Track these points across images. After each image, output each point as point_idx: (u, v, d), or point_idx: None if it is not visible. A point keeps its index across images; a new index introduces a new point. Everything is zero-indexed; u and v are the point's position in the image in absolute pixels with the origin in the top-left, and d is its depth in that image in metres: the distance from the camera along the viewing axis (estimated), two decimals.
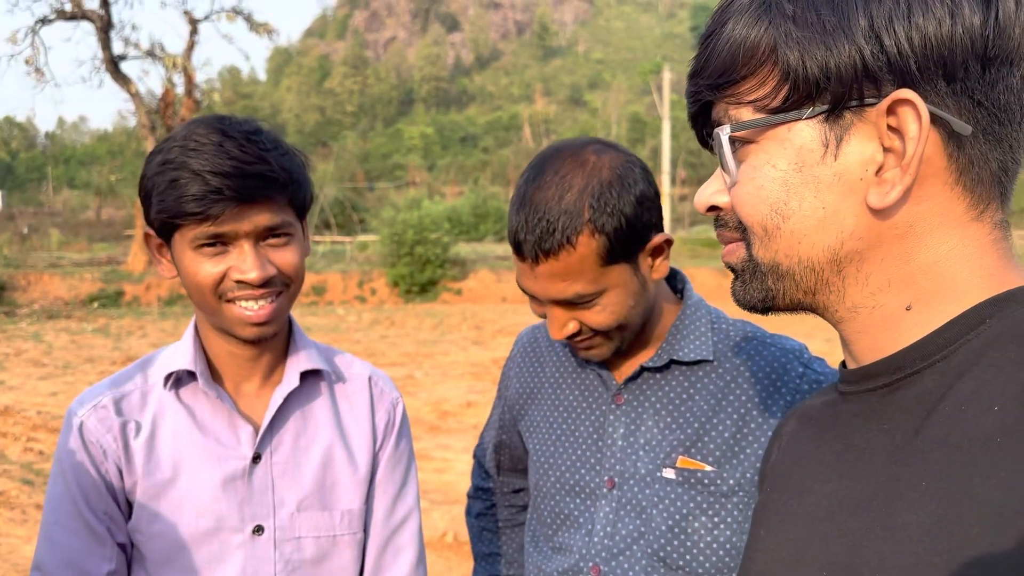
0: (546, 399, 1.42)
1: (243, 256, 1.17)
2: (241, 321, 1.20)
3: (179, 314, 17.41)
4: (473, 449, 1.70)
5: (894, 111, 0.63)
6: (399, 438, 1.40)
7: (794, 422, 0.86)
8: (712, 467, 1.23)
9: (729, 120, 0.71)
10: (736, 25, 0.69)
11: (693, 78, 0.75)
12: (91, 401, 1.26)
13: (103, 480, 1.22)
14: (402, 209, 23.12)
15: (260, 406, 1.30)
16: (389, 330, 15.02)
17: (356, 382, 1.39)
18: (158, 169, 1.16)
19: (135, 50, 21.04)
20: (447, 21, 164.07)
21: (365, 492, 1.34)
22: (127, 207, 33.92)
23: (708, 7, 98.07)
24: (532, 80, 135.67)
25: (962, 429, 0.59)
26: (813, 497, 0.73)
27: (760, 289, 0.74)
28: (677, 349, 1.28)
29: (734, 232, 0.75)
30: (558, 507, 1.34)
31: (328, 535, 1.29)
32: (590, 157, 1.18)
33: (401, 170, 64.79)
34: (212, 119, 1.20)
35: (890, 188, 0.64)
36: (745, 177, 0.71)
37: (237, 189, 1.12)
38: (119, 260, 22.69)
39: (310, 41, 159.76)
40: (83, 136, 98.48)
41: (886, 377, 0.69)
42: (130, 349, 12.33)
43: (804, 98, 0.66)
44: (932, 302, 0.66)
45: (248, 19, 22.11)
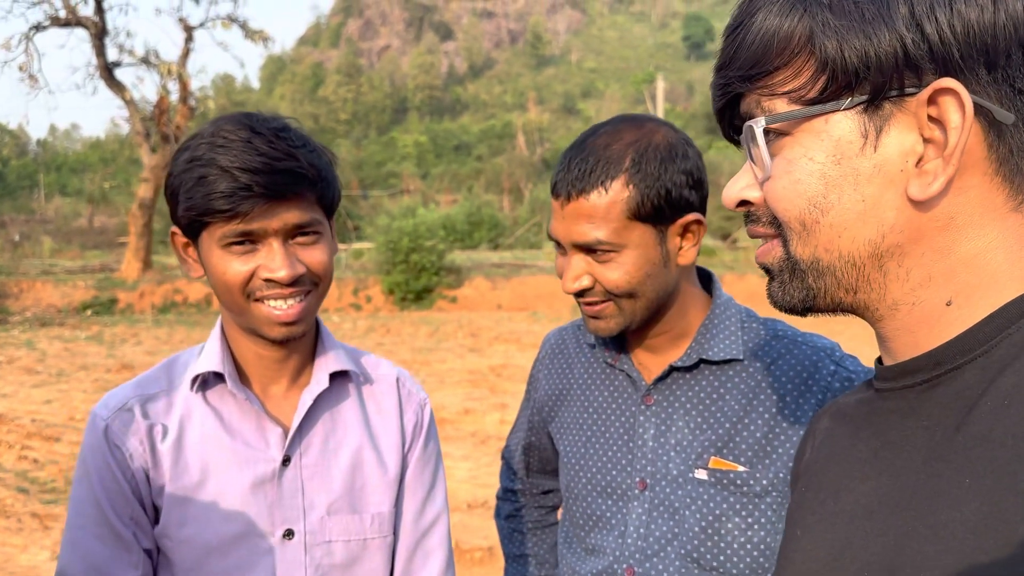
0: (576, 400, 1.41)
1: (272, 254, 1.15)
2: (269, 320, 1.17)
3: (173, 322, 17.34)
4: (500, 451, 1.70)
5: (935, 101, 0.61)
6: (427, 439, 1.38)
7: (828, 420, 0.84)
8: (745, 467, 1.21)
9: (762, 112, 0.69)
10: (768, 15, 0.67)
11: (721, 70, 0.73)
12: (116, 404, 1.24)
13: (129, 484, 1.20)
14: (397, 217, 23.05)
15: (288, 408, 1.27)
16: (385, 338, 14.98)
17: (384, 383, 1.37)
18: (185, 166, 1.14)
19: (130, 57, 20.99)
20: (441, 30, 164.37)
21: (395, 494, 1.32)
22: (120, 215, 33.80)
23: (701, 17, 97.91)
24: (525, 89, 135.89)
25: (1005, 424, 0.58)
26: (851, 495, 0.71)
27: (800, 288, 0.72)
28: (707, 348, 1.27)
29: (767, 227, 0.73)
30: (590, 508, 1.34)
31: (358, 539, 1.27)
32: (648, 123, 1.22)
33: (395, 178, 64.75)
34: (240, 116, 1.18)
35: (932, 179, 0.62)
36: (780, 171, 0.69)
37: (266, 186, 1.11)
38: (112, 267, 22.57)
39: (304, 49, 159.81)
40: (75, 143, 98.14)
41: (925, 373, 0.67)
42: (124, 357, 12.26)
43: (842, 88, 0.64)
44: (973, 296, 0.65)
45: (243, 26, 22.08)
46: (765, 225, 0.73)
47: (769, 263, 0.75)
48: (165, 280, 19.85)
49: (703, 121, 67.93)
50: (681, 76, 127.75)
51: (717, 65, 0.74)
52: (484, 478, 6.31)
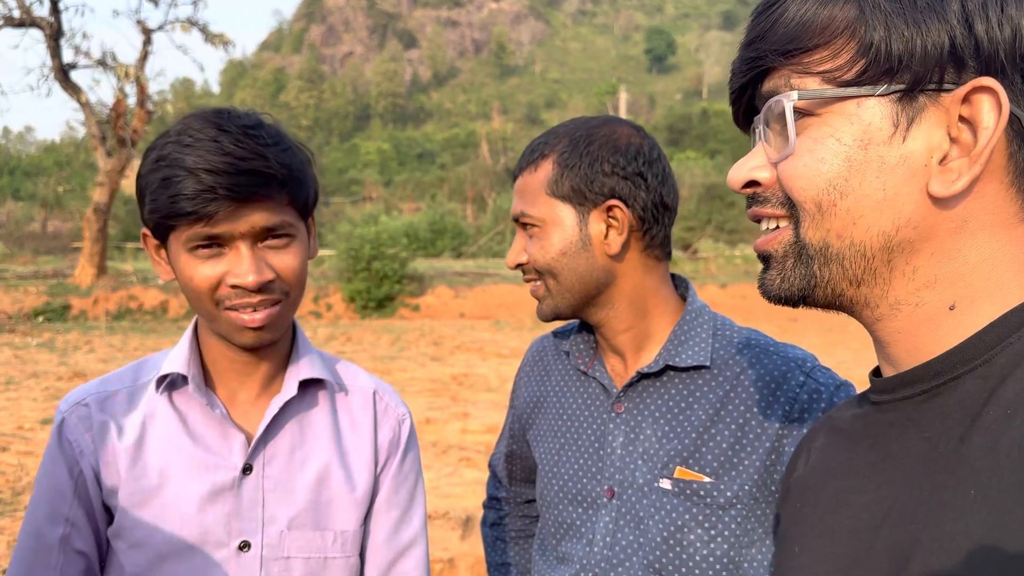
0: (551, 408, 1.40)
1: (239, 259, 1.10)
2: (238, 327, 1.13)
3: (127, 329, 16.99)
4: (488, 459, 1.69)
5: (969, 99, 0.61)
6: (404, 457, 1.31)
7: (823, 435, 0.82)
8: (710, 478, 1.20)
9: (790, 89, 0.68)
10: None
11: (753, 44, 0.71)
12: (75, 399, 1.21)
13: (75, 481, 1.16)
14: (359, 224, 22.97)
15: (256, 416, 1.23)
16: (345, 346, 14.84)
17: (359, 396, 1.32)
18: (152, 166, 1.10)
19: (86, 59, 20.59)
20: (405, 38, 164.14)
21: (363, 514, 1.26)
22: (74, 219, 33.17)
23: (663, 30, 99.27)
24: (489, 98, 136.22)
25: (1010, 435, 0.58)
26: (851, 510, 0.69)
27: (804, 275, 0.70)
28: (674, 355, 1.25)
29: (777, 208, 0.71)
30: (561, 516, 1.32)
31: (319, 556, 1.21)
32: (612, 120, 1.29)
33: (358, 185, 64.41)
34: (210, 112, 1.13)
35: (956, 177, 0.61)
36: (804, 149, 0.67)
37: (231, 187, 1.06)
38: (66, 273, 22.09)
39: (265, 54, 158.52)
40: (29, 146, 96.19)
41: (925, 383, 0.66)
42: (76, 364, 11.97)
43: (882, 74, 0.63)
44: (976, 302, 0.64)
45: (203, 30, 21.80)
46: (775, 206, 0.72)
47: (772, 249, 0.73)
48: (120, 286, 19.47)
49: (665, 133, 68.66)
50: (643, 88, 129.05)
51: (748, 39, 0.73)
52: (445, 489, 6.25)
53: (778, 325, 14.85)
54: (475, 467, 6.84)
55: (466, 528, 5.34)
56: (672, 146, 64.18)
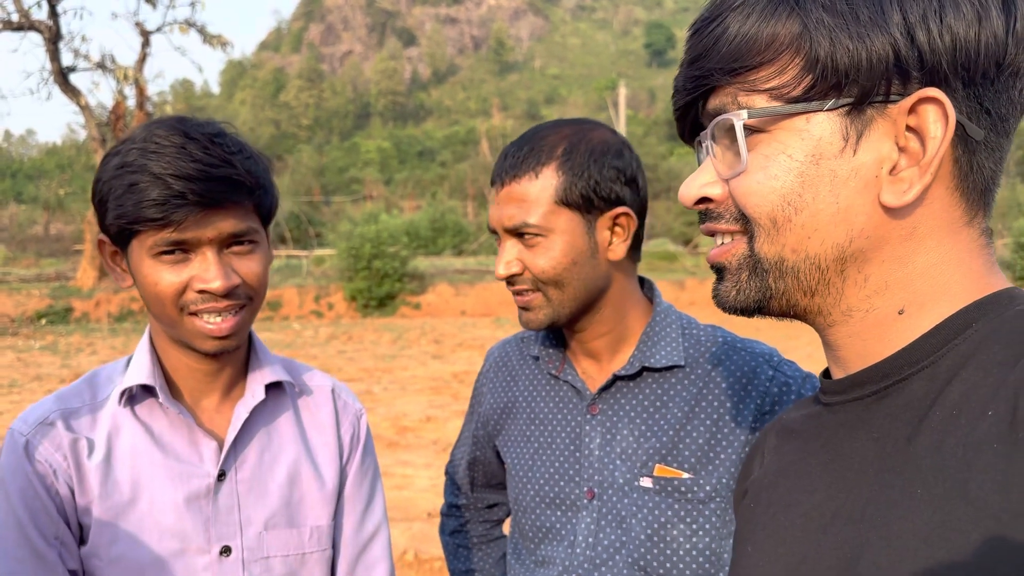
0: (521, 413, 1.41)
1: (206, 264, 1.11)
2: (202, 334, 1.14)
3: (129, 330, 17.02)
4: (445, 466, 1.68)
5: (915, 110, 0.62)
6: (365, 452, 1.36)
7: (773, 437, 0.84)
8: (689, 474, 1.22)
9: (737, 107, 0.68)
10: (754, 9, 0.66)
11: (696, 63, 0.71)
12: (36, 419, 1.17)
13: (54, 501, 1.14)
14: (359, 223, 22.93)
15: (221, 422, 1.24)
16: (347, 345, 14.86)
17: (319, 395, 1.35)
18: (115, 172, 1.10)
19: (85, 62, 20.59)
20: (404, 36, 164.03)
21: (333, 508, 1.30)
22: (76, 222, 33.18)
23: (662, 24, 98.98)
24: (489, 95, 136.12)
25: (955, 435, 0.59)
26: (801, 509, 0.71)
27: (758, 288, 0.71)
28: (648, 356, 1.27)
29: (731, 224, 0.72)
30: (539, 520, 1.33)
31: (297, 553, 1.24)
32: (590, 123, 1.29)
33: (358, 184, 64.41)
34: (172, 120, 1.14)
35: (908, 187, 0.63)
36: (756, 166, 0.68)
37: (201, 193, 1.07)
38: (68, 276, 22.13)
39: (264, 54, 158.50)
40: (31, 149, 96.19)
41: (873, 385, 0.68)
42: (79, 366, 12.01)
43: (829, 89, 0.64)
44: (924, 306, 0.66)
45: (201, 31, 21.79)
46: (728, 222, 0.72)
47: (726, 262, 0.73)
48: (121, 288, 19.50)
49: (665, 127, 68.55)
50: (643, 83, 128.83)
51: (690, 58, 0.72)
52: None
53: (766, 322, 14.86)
54: None
55: None
56: (673, 141, 64.01)
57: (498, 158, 1.28)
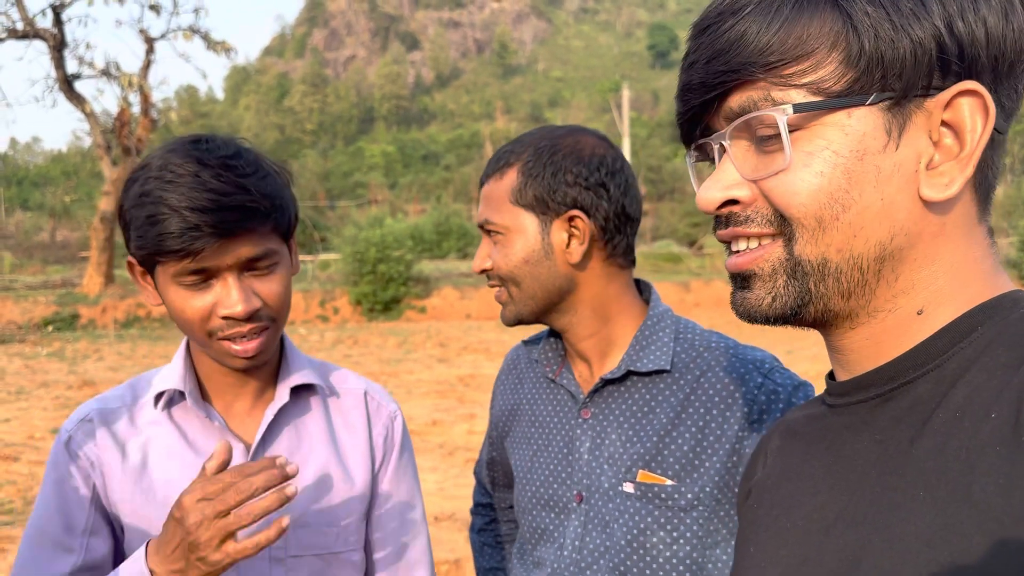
0: (525, 415, 1.42)
1: (227, 290, 1.14)
2: (230, 355, 1.18)
3: (136, 337, 17.06)
4: (468, 469, 1.70)
5: (951, 104, 0.61)
6: (401, 452, 1.38)
7: (777, 438, 0.83)
8: (672, 481, 1.22)
9: (770, 103, 0.65)
10: (784, 5, 0.64)
11: (718, 59, 0.67)
12: (78, 417, 1.25)
13: (90, 493, 1.21)
14: (364, 227, 22.94)
15: (252, 425, 1.28)
16: (352, 349, 14.87)
17: (351, 397, 1.37)
18: (136, 201, 1.13)
19: (89, 69, 20.67)
20: (407, 40, 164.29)
21: (364, 509, 1.32)
22: (82, 229, 33.30)
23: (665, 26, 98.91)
24: (492, 98, 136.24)
25: (959, 437, 0.58)
26: (804, 511, 0.70)
27: (797, 294, 0.68)
28: (636, 360, 1.27)
29: (764, 227, 0.68)
30: (535, 522, 1.35)
31: (325, 552, 1.27)
32: (578, 130, 1.31)
33: (363, 188, 64.51)
34: (188, 145, 1.15)
35: (949, 181, 0.62)
36: (799, 164, 0.65)
37: (216, 224, 1.09)
38: (74, 282, 22.18)
39: (268, 59, 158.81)
40: (37, 157, 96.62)
41: (879, 387, 0.67)
42: (86, 373, 12.03)
43: (873, 83, 0.62)
44: (941, 306, 0.65)
45: (205, 37, 21.85)
46: (760, 225, 0.68)
47: (756, 268, 0.69)
48: (128, 294, 19.54)
49: (669, 129, 68.40)
50: (647, 85, 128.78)
51: (708, 55, 0.68)
52: (452, 490, 6.26)
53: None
54: None
55: None
56: (677, 142, 63.80)
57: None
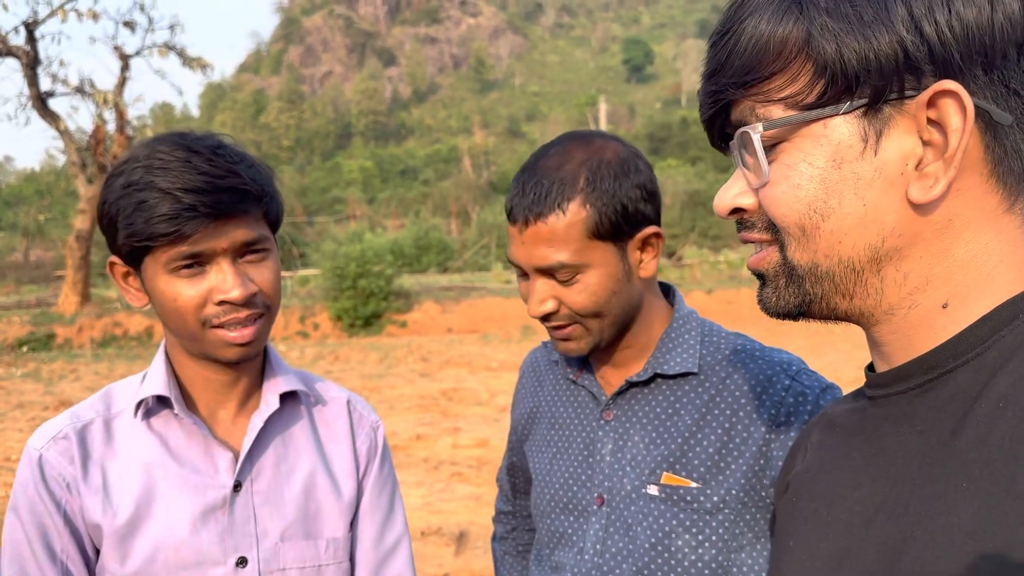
0: (544, 418, 1.40)
1: (223, 275, 1.12)
2: (224, 343, 1.15)
3: (113, 356, 16.86)
4: (496, 477, 1.69)
5: (934, 103, 0.61)
6: (382, 462, 1.37)
7: (817, 432, 0.83)
8: (697, 483, 1.20)
9: (756, 119, 0.68)
10: (761, 20, 0.66)
11: (712, 77, 0.71)
12: (50, 433, 1.18)
13: (64, 516, 1.14)
14: (343, 242, 22.85)
15: (237, 433, 1.24)
16: (333, 365, 14.78)
17: (335, 406, 1.35)
18: (122, 192, 1.10)
19: (63, 86, 20.49)
20: (383, 56, 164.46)
21: (350, 519, 1.30)
22: (57, 248, 32.93)
23: (640, 40, 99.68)
24: (470, 113, 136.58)
25: (1002, 428, 0.58)
26: (845, 504, 0.70)
27: (797, 294, 0.71)
28: (663, 363, 1.26)
29: (763, 233, 0.72)
30: (554, 525, 1.33)
31: (313, 565, 1.24)
32: (597, 140, 1.22)
33: (341, 204, 64.29)
34: (174, 136, 1.14)
35: (934, 182, 0.62)
36: (779, 176, 0.68)
37: (211, 204, 1.08)
38: (49, 302, 21.91)
39: (244, 76, 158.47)
40: (9, 176, 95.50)
41: (918, 378, 0.67)
42: (62, 393, 11.86)
43: (842, 92, 0.63)
44: (968, 298, 0.64)
45: (181, 54, 21.75)
46: (760, 231, 0.72)
47: (763, 269, 0.73)
48: (104, 313, 19.33)
49: (645, 142, 68.93)
50: (623, 98, 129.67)
51: (707, 72, 0.73)
52: (438, 505, 6.23)
53: (766, 328, 14.90)
54: (467, 482, 6.81)
55: (460, 544, 5.32)
56: (654, 155, 64.45)
57: (513, 191, 1.21)
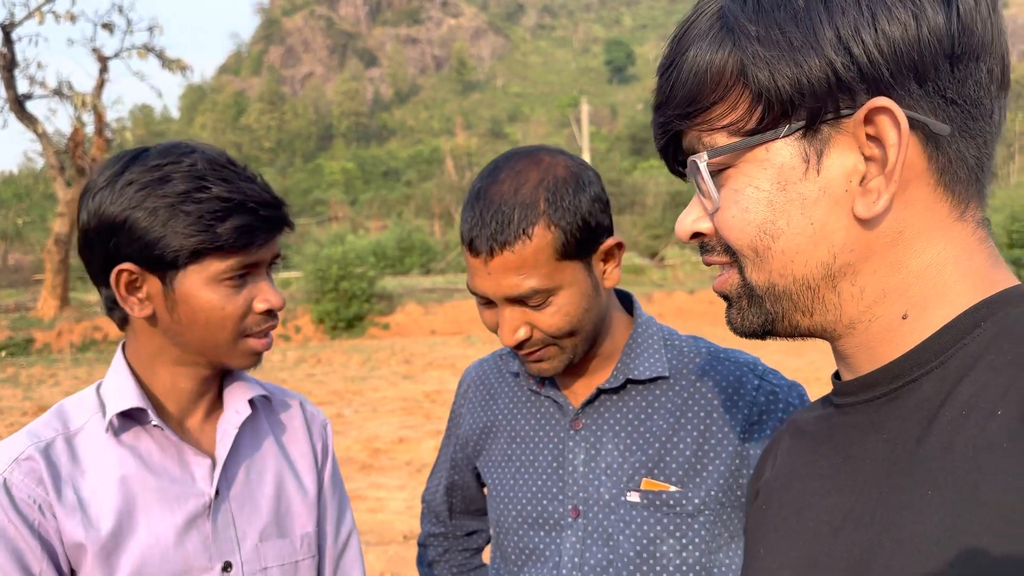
0: (502, 432, 1.37)
1: (264, 284, 1.21)
2: (250, 352, 1.21)
3: (93, 360, 16.70)
4: (421, 493, 1.63)
5: (871, 120, 0.62)
6: (333, 460, 1.43)
7: (787, 438, 0.84)
8: (676, 487, 1.20)
9: (703, 147, 0.70)
10: (699, 51, 0.68)
11: (660, 109, 0.74)
12: (12, 455, 1.12)
13: (40, 539, 1.09)
14: (325, 244, 22.78)
15: (206, 440, 1.26)
16: (316, 368, 14.72)
17: (291, 407, 1.40)
18: (168, 200, 1.10)
19: (41, 89, 20.27)
20: (365, 56, 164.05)
21: (316, 514, 1.35)
22: (35, 251, 32.58)
23: (621, 41, 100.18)
24: (452, 114, 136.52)
25: (965, 436, 0.58)
26: (813, 512, 0.71)
27: (759, 314, 0.73)
28: (632, 368, 1.26)
29: (722, 256, 0.74)
30: (522, 542, 1.30)
31: (291, 561, 1.29)
32: (544, 157, 1.19)
33: (323, 205, 64.11)
34: (200, 150, 1.17)
35: (876, 197, 0.63)
36: (728, 201, 0.70)
37: (276, 220, 1.18)
38: (28, 306, 21.68)
39: (224, 78, 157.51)
40: None
41: (884, 386, 0.68)
42: (42, 399, 11.74)
43: (779, 117, 0.65)
44: (927, 308, 0.66)
45: (160, 56, 21.59)
46: (720, 254, 0.74)
47: (727, 291, 0.75)
48: (84, 317, 19.15)
49: (627, 143, 69.15)
50: (605, 99, 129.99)
51: (655, 104, 0.74)
52: (420, 508, 6.20)
53: None
54: None
55: None
56: (636, 155, 64.65)
57: (470, 221, 1.16)
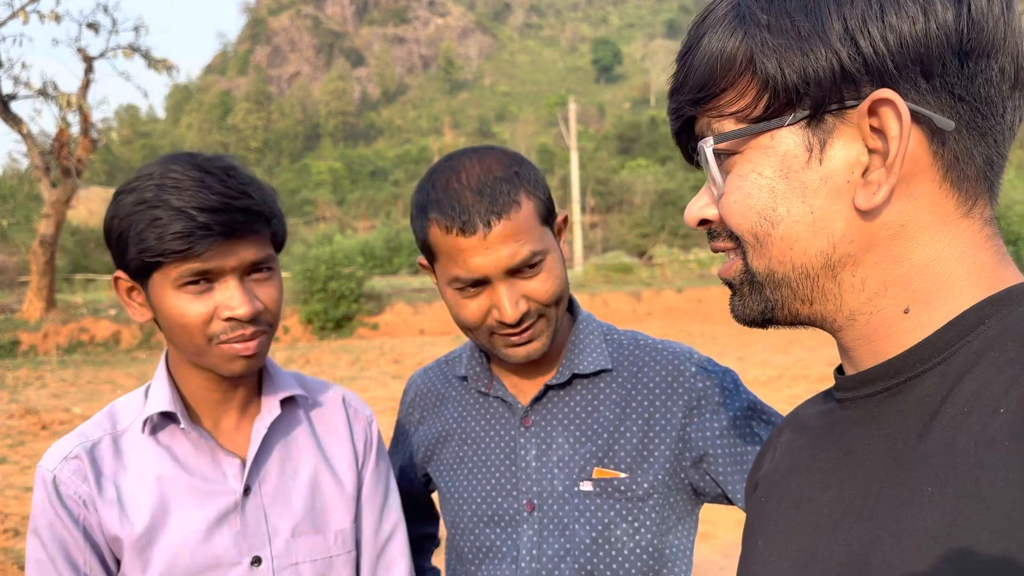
0: (454, 436, 1.41)
1: (230, 292, 1.17)
2: (230, 357, 1.19)
3: (80, 362, 16.62)
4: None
5: (875, 112, 0.63)
6: (378, 455, 1.42)
7: (788, 432, 0.85)
8: (626, 474, 1.26)
9: (712, 133, 0.72)
10: (712, 38, 0.70)
11: (674, 95, 0.75)
12: (61, 454, 1.22)
13: (83, 533, 1.19)
14: (313, 244, 22.73)
15: (241, 439, 1.29)
16: (304, 368, 14.68)
17: (331, 404, 1.41)
18: (133, 208, 1.14)
19: (26, 89, 20.15)
20: (352, 56, 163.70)
21: (354, 510, 1.36)
22: (21, 253, 32.35)
23: (608, 41, 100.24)
24: (440, 113, 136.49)
25: (967, 432, 0.59)
26: (813, 506, 0.72)
27: (759, 301, 0.74)
28: (578, 363, 1.31)
29: (727, 241, 0.75)
30: (478, 540, 1.34)
31: (324, 557, 1.30)
32: (486, 149, 1.28)
33: (310, 205, 64.00)
34: (184, 157, 1.19)
35: (876, 189, 0.64)
36: (732, 187, 0.71)
37: (224, 224, 1.13)
38: (13, 308, 21.54)
39: (211, 77, 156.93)
40: None
41: (886, 381, 0.69)
42: (28, 401, 11.67)
43: (785, 105, 0.66)
44: (930, 303, 0.66)
45: (146, 56, 21.49)
46: (725, 240, 0.75)
47: (730, 278, 0.76)
48: (70, 319, 19.04)
49: (615, 142, 69.29)
50: (592, 98, 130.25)
51: (670, 90, 0.76)
52: None
53: (736, 327, 15.05)
54: None
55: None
56: (624, 154, 64.78)
57: (455, 207, 1.17)
